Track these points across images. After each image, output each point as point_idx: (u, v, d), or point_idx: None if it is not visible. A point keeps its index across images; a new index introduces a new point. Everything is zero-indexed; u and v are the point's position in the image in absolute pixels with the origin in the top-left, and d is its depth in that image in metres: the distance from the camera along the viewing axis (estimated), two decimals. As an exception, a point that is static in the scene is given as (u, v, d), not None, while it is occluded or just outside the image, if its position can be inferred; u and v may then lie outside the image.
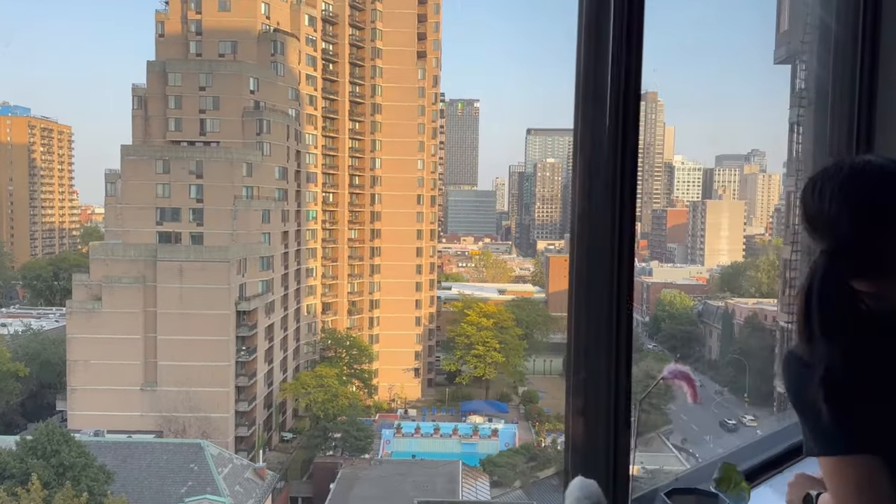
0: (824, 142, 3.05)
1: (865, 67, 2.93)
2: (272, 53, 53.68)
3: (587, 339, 1.91)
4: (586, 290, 1.90)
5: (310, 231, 58.15)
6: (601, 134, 1.88)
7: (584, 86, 1.93)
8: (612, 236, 1.85)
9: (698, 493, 1.98)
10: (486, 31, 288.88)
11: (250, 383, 46.34)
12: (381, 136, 62.28)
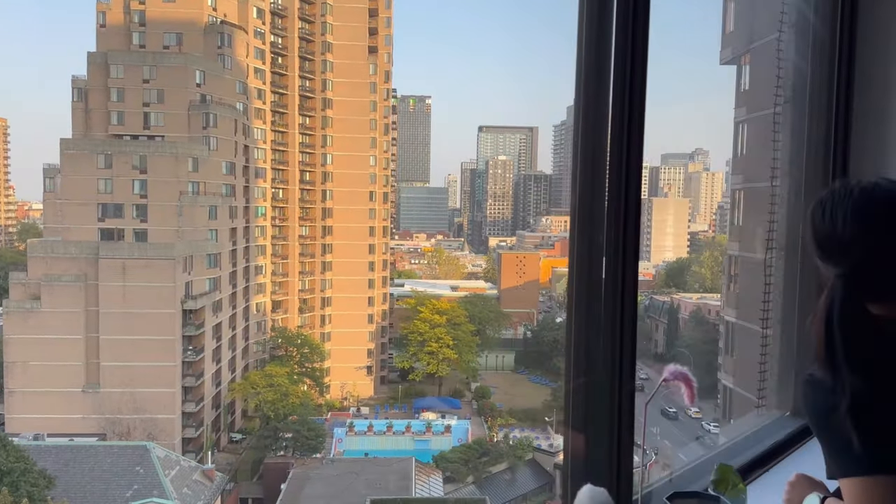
0: (802, 136, 3.05)
1: (843, 61, 2.94)
2: (219, 46, 52.51)
3: (587, 341, 1.82)
4: (587, 289, 1.81)
5: (259, 228, 57.16)
6: (603, 128, 1.79)
7: (585, 85, 1.84)
8: (614, 233, 1.76)
9: (700, 496, 1.93)
10: (438, 27, 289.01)
11: (197, 384, 45.37)
12: (332, 132, 61.58)
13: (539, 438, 45.52)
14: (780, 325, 3.25)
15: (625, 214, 1.78)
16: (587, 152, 1.84)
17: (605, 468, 1.85)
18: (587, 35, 1.84)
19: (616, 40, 1.83)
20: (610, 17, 1.84)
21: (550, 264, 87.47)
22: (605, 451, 1.84)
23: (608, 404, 1.83)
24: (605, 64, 1.83)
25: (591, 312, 1.83)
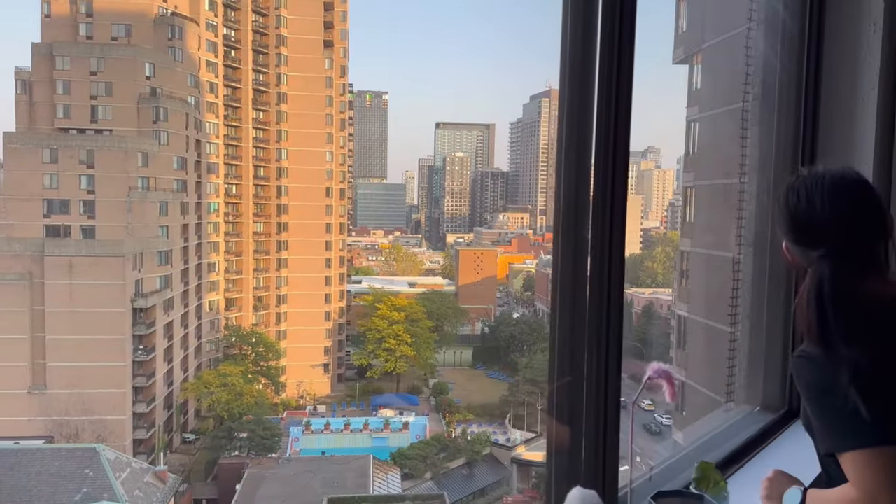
0: (771, 133, 3.08)
1: (812, 57, 2.97)
2: (169, 38, 51.34)
3: (572, 339, 1.79)
4: (572, 286, 1.78)
5: (211, 224, 56.09)
6: (588, 120, 1.76)
7: (569, 84, 1.80)
8: (600, 229, 1.73)
9: (683, 494, 1.92)
10: (395, 23, 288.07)
11: (149, 384, 44.40)
12: (286, 127, 60.78)
13: (496, 433, 45.83)
14: (749, 320, 3.28)
15: (611, 210, 1.75)
16: (571, 147, 1.81)
17: (590, 468, 1.82)
18: (572, 28, 1.80)
19: (602, 32, 1.79)
20: (595, 14, 1.81)
21: (507, 260, 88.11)
22: (591, 450, 1.81)
23: (594, 403, 1.80)
24: (590, 58, 1.80)
25: (577, 310, 1.79)
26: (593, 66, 1.80)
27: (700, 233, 13.54)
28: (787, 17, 2.98)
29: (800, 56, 2.98)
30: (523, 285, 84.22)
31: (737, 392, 3.30)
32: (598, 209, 1.77)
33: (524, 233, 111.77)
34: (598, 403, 1.78)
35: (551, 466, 1.86)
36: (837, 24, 2.95)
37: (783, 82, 3.03)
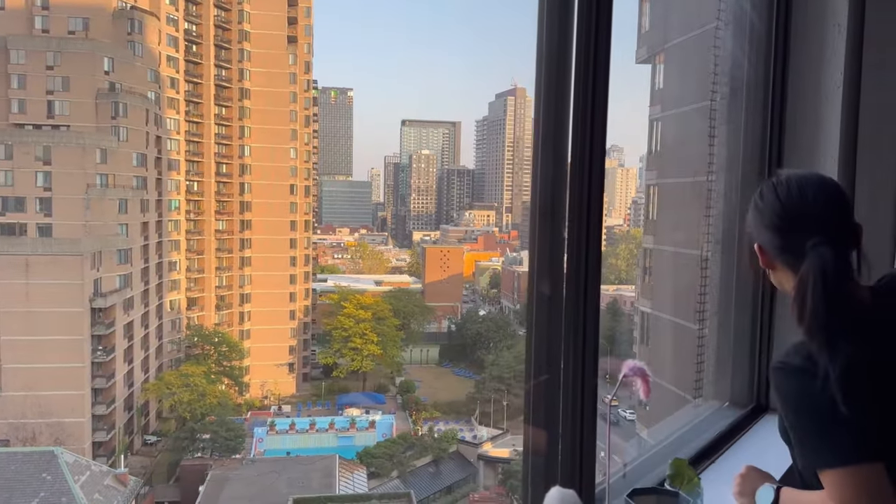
0: (739, 131, 3.12)
1: (779, 57, 3.01)
2: (129, 32, 50.32)
3: (549, 337, 1.77)
4: (550, 284, 1.76)
5: (172, 222, 55.12)
6: (564, 117, 1.75)
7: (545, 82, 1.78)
8: (577, 224, 1.72)
9: (659, 492, 1.93)
10: (360, 19, 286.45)
11: (108, 385, 43.52)
12: (250, 123, 59.99)
13: (463, 430, 45.96)
14: (717, 317, 3.32)
15: (588, 208, 1.75)
16: (548, 145, 1.79)
17: (567, 466, 1.81)
18: (548, 25, 1.79)
19: (578, 29, 1.78)
20: (572, 11, 1.80)
21: (474, 258, 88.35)
22: (568, 448, 1.81)
23: (571, 401, 1.79)
24: (566, 55, 1.78)
25: (553, 308, 1.78)
26: (569, 64, 1.79)
27: (663, 230, 13.72)
28: (754, 16, 3.02)
29: (767, 55, 3.02)
30: (489, 283, 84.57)
31: (705, 388, 3.34)
32: (574, 207, 1.76)
33: (490, 230, 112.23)
34: (574, 401, 1.77)
35: (528, 465, 1.85)
36: (803, 24, 3.00)
37: (751, 81, 3.07)
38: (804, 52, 3.01)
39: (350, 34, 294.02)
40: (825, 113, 2.99)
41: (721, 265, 3.25)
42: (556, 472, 1.79)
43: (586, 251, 1.75)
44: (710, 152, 3.23)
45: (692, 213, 6.44)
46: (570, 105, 1.79)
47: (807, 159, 3.04)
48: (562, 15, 1.79)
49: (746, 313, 3.18)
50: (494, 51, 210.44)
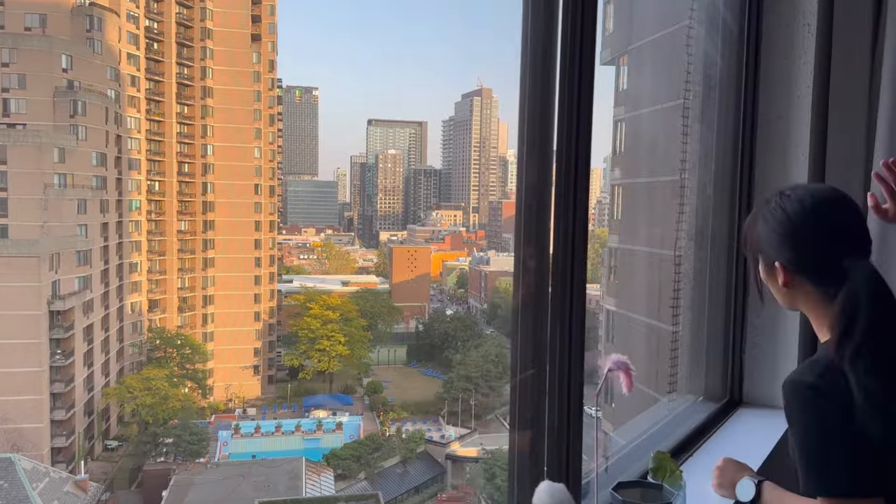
0: (713, 129, 3.16)
1: (751, 55, 3.07)
2: (88, 29, 49.27)
3: (535, 332, 1.77)
4: (536, 278, 1.76)
5: (133, 222, 54.09)
6: (550, 114, 1.75)
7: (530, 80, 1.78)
8: (563, 219, 1.72)
9: (643, 485, 1.94)
10: (325, 18, 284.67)
11: (67, 389, 42.55)
12: (212, 122, 59.15)
13: (431, 430, 45.97)
14: (690, 312, 3.37)
15: (574, 201, 1.75)
16: (533, 137, 1.79)
17: (553, 462, 1.81)
18: (533, 22, 1.78)
19: (563, 26, 1.78)
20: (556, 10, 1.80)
21: (441, 258, 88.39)
22: (554, 444, 1.80)
23: (557, 397, 1.79)
24: (551, 54, 1.78)
25: (540, 303, 1.78)
26: (554, 62, 1.79)
27: (628, 229, 13.89)
28: (727, 15, 3.07)
29: (739, 55, 3.07)
30: (457, 282, 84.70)
31: (679, 383, 3.38)
32: (560, 203, 1.76)
33: (457, 230, 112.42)
34: (561, 396, 1.77)
35: (514, 462, 1.84)
36: (775, 24, 3.06)
37: (724, 79, 3.12)
38: (775, 52, 3.07)
39: (315, 33, 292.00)
40: (796, 112, 3.06)
41: (694, 261, 3.30)
42: (543, 467, 1.79)
43: (572, 244, 1.75)
44: (683, 150, 3.27)
45: (658, 212, 6.51)
46: (556, 100, 1.79)
47: (778, 157, 3.10)
48: (547, 12, 1.78)
49: (719, 308, 3.23)
50: (460, 50, 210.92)
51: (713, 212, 3.20)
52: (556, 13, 1.79)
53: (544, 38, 1.78)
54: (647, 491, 1.93)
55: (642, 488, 1.94)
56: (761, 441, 2.66)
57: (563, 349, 1.77)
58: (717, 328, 3.24)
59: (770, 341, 3.19)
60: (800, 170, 3.04)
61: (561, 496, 1.51)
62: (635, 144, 12.85)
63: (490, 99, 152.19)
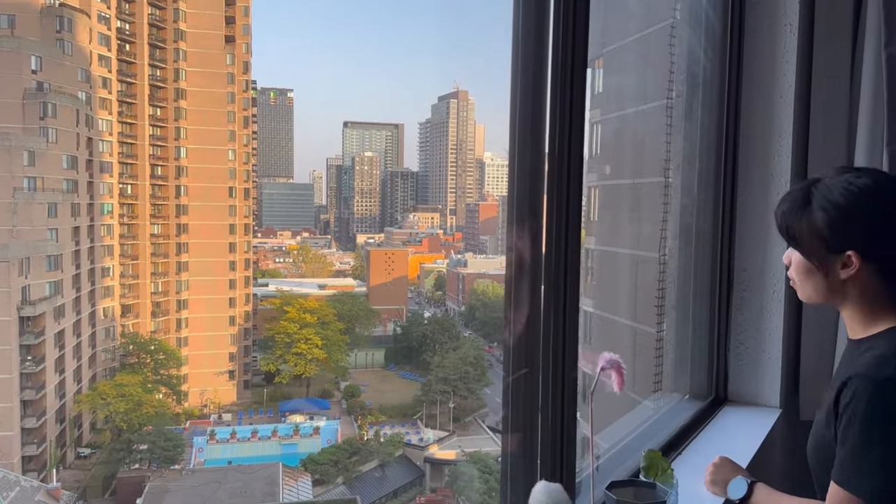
0: (699, 127, 3.18)
1: (734, 54, 3.09)
2: (58, 30, 48.52)
3: (529, 332, 1.75)
4: (530, 278, 1.74)
5: (105, 226, 53.30)
6: (542, 106, 1.73)
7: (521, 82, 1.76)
8: (556, 220, 1.71)
9: (636, 483, 1.93)
10: (300, 19, 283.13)
11: (38, 396, 41.79)
12: (186, 124, 58.50)
13: (409, 434, 45.85)
14: (675, 311, 3.37)
15: (567, 200, 1.73)
16: (525, 135, 1.77)
17: (548, 461, 1.79)
18: (524, 22, 1.76)
19: (553, 25, 1.77)
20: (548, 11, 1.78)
21: (418, 260, 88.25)
22: (549, 444, 1.79)
23: (550, 396, 1.77)
24: (542, 50, 1.77)
25: (534, 302, 1.76)
26: (546, 60, 1.77)
27: (605, 231, 14.04)
28: (711, 13, 3.09)
29: (722, 54, 3.09)
30: (434, 285, 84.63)
31: (664, 382, 3.38)
32: (553, 202, 1.74)
33: (435, 232, 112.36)
34: (555, 395, 1.75)
35: (507, 461, 1.82)
36: (758, 24, 3.09)
37: (707, 78, 3.14)
38: (758, 52, 3.09)
39: (290, 34, 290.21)
40: (778, 111, 3.08)
41: (679, 258, 3.31)
42: (536, 467, 1.77)
43: (565, 243, 1.74)
44: (666, 149, 3.28)
45: (638, 213, 6.54)
46: (548, 101, 1.77)
47: (762, 155, 3.12)
48: (538, 12, 1.77)
49: (704, 307, 3.25)
50: (436, 52, 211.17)
51: (697, 210, 3.22)
52: (547, 10, 1.77)
53: (536, 35, 1.76)
54: (640, 490, 1.92)
55: (635, 487, 1.93)
56: (748, 438, 2.68)
57: (557, 347, 1.75)
58: (701, 326, 3.26)
59: (754, 339, 3.21)
60: (783, 168, 3.07)
61: (558, 496, 1.49)
62: (612, 146, 13.01)
63: (466, 101, 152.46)
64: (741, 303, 3.19)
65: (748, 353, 3.21)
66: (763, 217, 3.10)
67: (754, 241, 3.14)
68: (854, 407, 1.50)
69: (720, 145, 3.13)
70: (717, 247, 3.17)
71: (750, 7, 3.08)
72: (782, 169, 3.06)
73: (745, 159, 3.14)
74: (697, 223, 3.23)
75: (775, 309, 3.12)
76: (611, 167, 12.85)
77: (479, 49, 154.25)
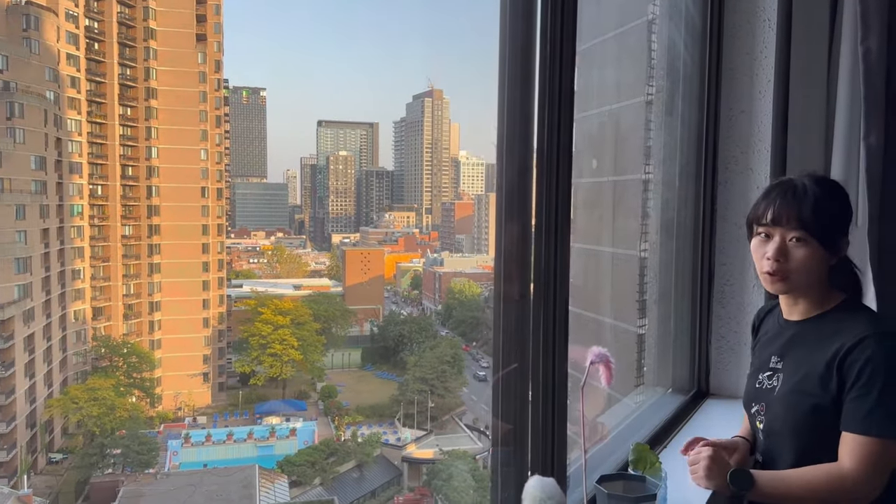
0: (676, 125, 3.20)
1: (713, 50, 3.11)
2: (24, 29, 47.61)
3: (517, 326, 1.74)
4: (519, 269, 1.73)
5: (75, 228, 52.40)
6: (530, 102, 1.72)
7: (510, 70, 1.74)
8: (546, 215, 1.70)
9: (626, 477, 1.94)
10: (271, 16, 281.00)
11: (8, 402, 41.04)
12: (157, 124, 57.72)
13: (387, 434, 45.74)
14: (657, 306, 3.39)
15: (557, 196, 1.72)
16: (513, 133, 1.76)
17: (538, 456, 1.78)
18: (511, 16, 1.75)
19: (542, 21, 1.76)
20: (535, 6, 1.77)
21: (394, 260, 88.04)
22: (539, 438, 1.78)
23: (541, 390, 1.77)
24: (530, 40, 1.76)
25: (524, 297, 1.75)
26: (534, 54, 1.76)
27: (581, 229, 14.19)
28: (692, 8, 3.11)
29: (702, 49, 3.11)
30: (410, 284, 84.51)
31: (646, 376, 3.40)
32: (542, 197, 1.73)
33: (410, 232, 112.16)
34: (545, 390, 1.75)
35: (497, 457, 1.81)
36: (737, 20, 3.11)
37: (688, 73, 3.15)
38: (737, 48, 3.12)
39: (262, 32, 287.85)
40: (758, 106, 3.11)
41: (661, 253, 3.33)
42: (527, 461, 1.76)
43: (555, 238, 1.73)
44: (647, 144, 3.30)
45: (617, 210, 6.56)
46: (536, 97, 1.76)
47: (742, 149, 3.15)
48: (526, 7, 1.76)
49: (685, 301, 3.27)
50: (411, 50, 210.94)
51: (678, 204, 3.24)
52: (534, 5, 1.76)
53: (524, 31, 1.75)
54: (630, 483, 1.93)
55: (624, 480, 1.94)
56: (732, 430, 2.68)
57: (548, 341, 1.74)
58: (683, 321, 3.28)
59: (735, 333, 3.24)
60: (762, 163, 3.10)
61: (552, 490, 1.48)
62: (590, 144, 13.13)
63: (441, 100, 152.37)
64: (722, 297, 3.22)
65: (729, 347, 3.24)
66: (743, 212, 3.12)
67: (735, 236, 3.17)
68: (875, 361, 1.67)
69: (700, 140, 3.15)
70: (699, 241, 3.20)
71: (729, 3, 3.11)
72: (761, 164, 3.10)
73: (724, 154, 3.17)
74: (679, 217, 3.26)
75: (756, 302, 3.16)
76: (588, 165, 12.99)
77: (454, 47, 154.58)
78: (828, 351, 1.77)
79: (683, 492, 2.10)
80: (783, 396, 1.90)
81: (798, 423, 1.85)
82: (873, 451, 1.66)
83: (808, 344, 1.87)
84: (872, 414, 1.67)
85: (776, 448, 1.96)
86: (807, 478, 1.76)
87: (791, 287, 1.86)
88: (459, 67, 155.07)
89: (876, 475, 1.66)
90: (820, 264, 1.81)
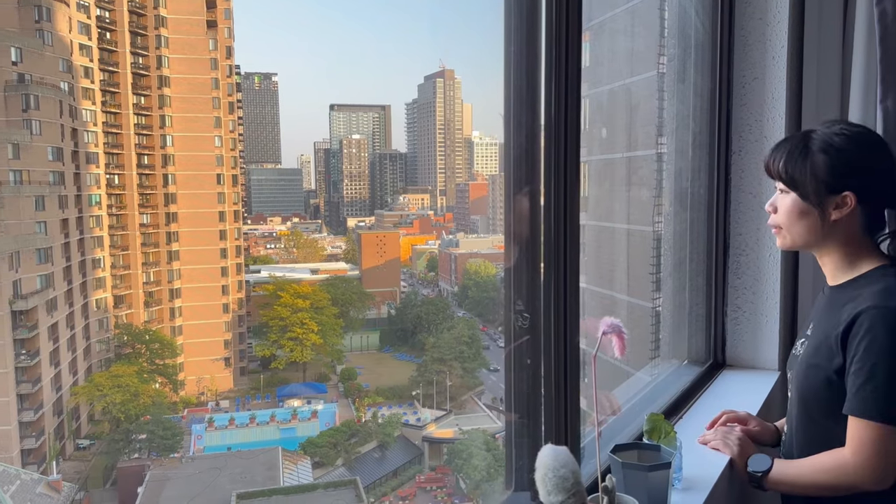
0: (688, 95, 3.16)
1: (725, 15, 3.06)
2: (37, 20, 47.80)
3: (529, 297, 1.74)
4: (530, 242, 1.72)
5: (94, 217, 52.92)
6: (536, 78, 1.70)
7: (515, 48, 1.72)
8: (554, 194, 1.69)
9: (640, 446, 1.94)
10: (280, 1, 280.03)
11: (35, 390, 41.73)
12: (170, 112, 57.96)
13: (406, 414, 46.11)
14: (671, 278, 3.37)
15: (565, 173, 1.71)
16: (520, 110, 1.75)
17: (552, 426, 1.79)
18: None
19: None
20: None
21: (410, 242, 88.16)
22: (552, 410, 1.78)
23: (553, 360, 1.77)
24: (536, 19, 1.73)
25: (534, 274, 1.75)
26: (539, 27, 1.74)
27: (596, 205, 14.10)
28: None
29: (714, 14, 3.06)
30: (426, 266, 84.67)
31: (661, 349, 3.39)
32: (550, 176, 1.71)
33: (425, 214, 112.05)
34: (557, 361, 1.75)
35: (511, 429, 1.81)
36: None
37: (699, 40, 3.11)
38: (750, 12, 3.06)
39: (272, 17, 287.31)
40: (771, 72, 3.06)
41: (675, 224, 3.30)
42: (541, 434, 1.77)
43: (565, 214, 1.72)
44: (659, 115, 3.26)
45: (629, 186, 6.53)
46: (542, 73, 1.74)
47: (756, 117, 3.11)
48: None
49: (701, 271, 3.25)
50: (419, 31, 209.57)
51: (692, 174, 3.21)
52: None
53: (529, 5, 1.73)
54: (644, 452, 1.93)
55: (639, 450, 1.94)
56: (748, 401, 2.68)
57: (559, 313, 1.74)
58: (698, 292, 3.26)
59: (751, 303, 3.22)
60: (776, 131, 3.05)
61: (565, 459, 1.48)
62: (601, 120, 13.00)
63: (453, 80, 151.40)
64: (737, 267, 3.19)
65: (745, 318, 3.22)
66: (758, 180, 3.09)
67: (750, 205, 3.13)
68: (872, 337, 1.55)
69: (713, 108, 3.11)
70: (713, 211, 3.17)
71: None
72: (776, 131, 3.05)
73: (738, 123, 3.13)
74: (692, 188, 3.22)
75: (772, 272, 3.13)
76: (601, 141, 12.86)
77: (464, 27, 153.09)
78: (838, 323, 1.65)
79: (699, 461, 2.11)
80: (801, 366, 1.83)
81: (807, 395, 1.79)
82: (873, 437, 1.54)
83: (827, 313, 1.75)
84: (866, 397, 1.56)
85: (792, 419, 1.94)
86: (816, 464, 1.72)
87: (789, 242, 1.77)
88: (470, 47, 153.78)
89: (878, 462, 1.54)
90: (810, 218, 1.69)
